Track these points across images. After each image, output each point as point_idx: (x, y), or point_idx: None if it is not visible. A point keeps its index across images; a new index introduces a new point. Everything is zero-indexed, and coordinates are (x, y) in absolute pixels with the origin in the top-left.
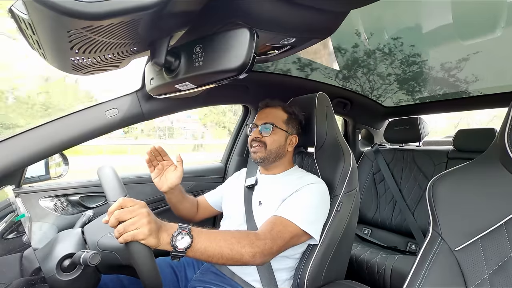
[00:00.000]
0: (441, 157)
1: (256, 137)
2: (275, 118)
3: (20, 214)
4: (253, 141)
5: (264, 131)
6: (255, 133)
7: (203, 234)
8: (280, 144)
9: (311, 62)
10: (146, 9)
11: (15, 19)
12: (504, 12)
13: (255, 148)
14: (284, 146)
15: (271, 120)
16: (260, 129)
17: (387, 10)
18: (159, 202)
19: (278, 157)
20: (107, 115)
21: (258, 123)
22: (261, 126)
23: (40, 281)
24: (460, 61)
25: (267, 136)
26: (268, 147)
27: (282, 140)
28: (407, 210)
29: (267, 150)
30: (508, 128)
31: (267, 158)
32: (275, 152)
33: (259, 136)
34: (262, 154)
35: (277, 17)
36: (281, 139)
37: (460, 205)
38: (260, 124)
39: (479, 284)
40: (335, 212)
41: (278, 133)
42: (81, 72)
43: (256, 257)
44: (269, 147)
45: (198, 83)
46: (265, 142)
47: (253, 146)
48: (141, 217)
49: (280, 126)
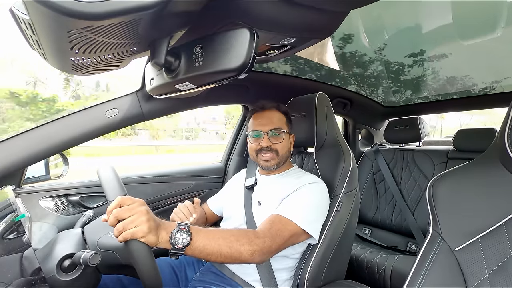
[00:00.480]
0: (441, 157)
1: (268, 146)
2: (279, 122)
3: (20, 214)
4: (262, 150)
5: (274, 138)
6: (266, 142)
7: (202, 232)
8: (288, 147)
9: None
10: (146, 9)
11: (15, 19)
12: (504, 12)
13: (266, 157)
14: (289, 148)
15: (277, 124)
16: (268, 136)
17: (387, 10)
18: (159, 202)
19: (285, 160)
20: (107, 115)
21: (264, 130)
22: (270, 133)
23: (40, 281)
24: (460, 61)
25: (277, 142)
26: (280, 152)
27: (288, 143)
28: (407, 210)
29: (280, 156)
30: (508, 128)
31: (279, 163)
32: (285, 156)
33: (270, 144)
34: (276, 161)
35: (277, 17)
36: (288, 143)
37: (460, 205)
38: (266, 131)
39: (479, 284)
40: (335, 212)
41: (285, 137)
42: (81, 72)
43: (255, 255)
44: (281, 152)
45: (198, 83)
46: (277, 148)
47: (263, 155)
48: (140, 215)
49: (286, 130)
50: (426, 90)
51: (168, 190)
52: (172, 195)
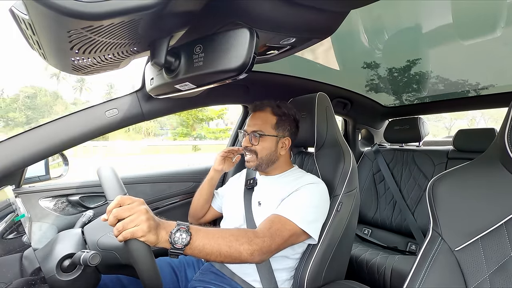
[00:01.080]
0: (441, 157)
1: (246, 146)
2: (264, 125)
3: (20, 214)
4: (245, 149)
5: (253, 139)
6: (246, 142)
7: (202, 232)
8: (271, 150)
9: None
10: (146, 9)
11: (15, 19)
12: (504, 12)
13: (247, 157)
14: (275, 151)
15: (259, 127)
16: (249, 137)
17: (386, 10)
18: (159, 202)
19: (271, 163)
20: (107, 115)
21: (248, 130)
22: (250, 134)
23: (40, 281)
24: (460, 61)
25: (256, 144)
26: (259, 155)
27: (273, 146)
28: (407, 210)
29: (259, 158)
30: (508, 128)
31: (260, 165)
32: (266, 159)
33: (249, 145)
34: (254, 162)
35: (277, 17)
36: (271, 145)
37: (460, 205)
38: (249, 132)
39: (479, 284)
40: (335, 212)
41: (268, 140)
42: (81, 72)
43: (255, 255)
44: (260, 155)
45: (198, 83)
46: (256, 150)
47: (246, 154)
48: (139, 214)
49: (268, 133)
50: (426, 90)
51: (168, 190)
52: (172, 195)
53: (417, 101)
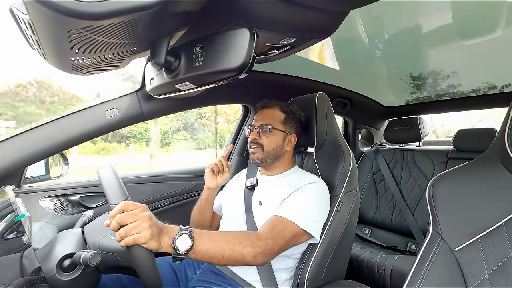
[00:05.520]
0: (441, 157)
1: (254, 139)
2: (272, 119)
3: (20, 214)
4: (251, 143)
5: (262, 133)
6: (253, 135)
7: (204, 236)
8: (278, 144)
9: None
10: (146, 9)
11: (15, 19)
12: (504, 12)
13: (253, 150)
14: (282, 146)
15: (268, 121)
16: (257, 130)
17: (387, 10)
18: (159, 202)
19: (277, 158)
20: (107, 115)
21: (256, 124)
22: (258, 128)
23: (40, 281)
24: (460, 61)
25: (264, 137)
26: (265, 148)
27: (280, 140)
28: (407, 210)
29: (265, 152)
30: (508, 128)
31: (265, 159)
32: (273, 153)
33: (256, 138)
34: (260, 155)
35: (277, 17)
36: (279, 140)
37: (460, 205)
38: (257, 126)
39: (479, 284)
40: (335, 212)
41: (276, 134)
42: (81, 72)
43: (258, 257)
44: (267, 148)
45: (198, 83)
46: (262, 143)
47: (251, 147)
48: (142, 221)
49: (277, 127)
50: (426, 90)
51: (168, 190)
52: (172, 195)
53: (417, 101)
